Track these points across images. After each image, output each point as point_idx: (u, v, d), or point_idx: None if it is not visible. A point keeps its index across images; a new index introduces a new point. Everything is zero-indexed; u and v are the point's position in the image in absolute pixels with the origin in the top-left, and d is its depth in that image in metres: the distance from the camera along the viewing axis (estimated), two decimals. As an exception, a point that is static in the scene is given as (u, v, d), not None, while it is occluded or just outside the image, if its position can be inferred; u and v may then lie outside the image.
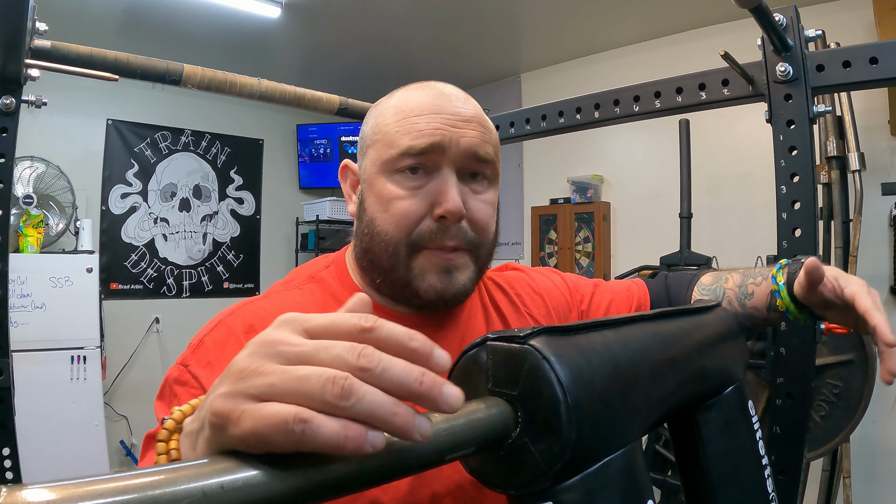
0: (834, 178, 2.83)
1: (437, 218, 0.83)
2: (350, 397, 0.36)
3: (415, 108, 0.85)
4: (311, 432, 0.35)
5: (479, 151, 0.86)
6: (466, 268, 0.87)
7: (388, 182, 0.85)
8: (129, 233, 4.80)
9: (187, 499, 0.31)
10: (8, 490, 0.28)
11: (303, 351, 0.40)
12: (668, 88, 1.49)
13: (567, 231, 4.34)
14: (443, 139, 0.83)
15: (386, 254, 0.85)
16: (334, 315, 0.43)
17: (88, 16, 3.71)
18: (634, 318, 0.70)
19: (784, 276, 1.01)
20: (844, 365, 1.74)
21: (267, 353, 0.41)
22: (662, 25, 3.91)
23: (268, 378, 0.39)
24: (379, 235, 0.85)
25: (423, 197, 0.84)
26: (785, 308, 1.01)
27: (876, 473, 3.04)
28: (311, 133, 5.60)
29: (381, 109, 0.90)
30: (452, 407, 0.39)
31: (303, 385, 0.37)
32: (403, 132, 0.84)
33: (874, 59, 1.20)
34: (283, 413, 0.36)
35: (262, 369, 0.40)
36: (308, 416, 0.36)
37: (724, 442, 0.82)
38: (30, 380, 3.49)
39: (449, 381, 0.40)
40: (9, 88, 1.41)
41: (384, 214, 0.85)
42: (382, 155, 0.86)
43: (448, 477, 0.80)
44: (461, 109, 0.87)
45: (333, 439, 0.36)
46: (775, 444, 1.29)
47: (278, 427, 0.36)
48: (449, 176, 0.84)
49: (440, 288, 0.85)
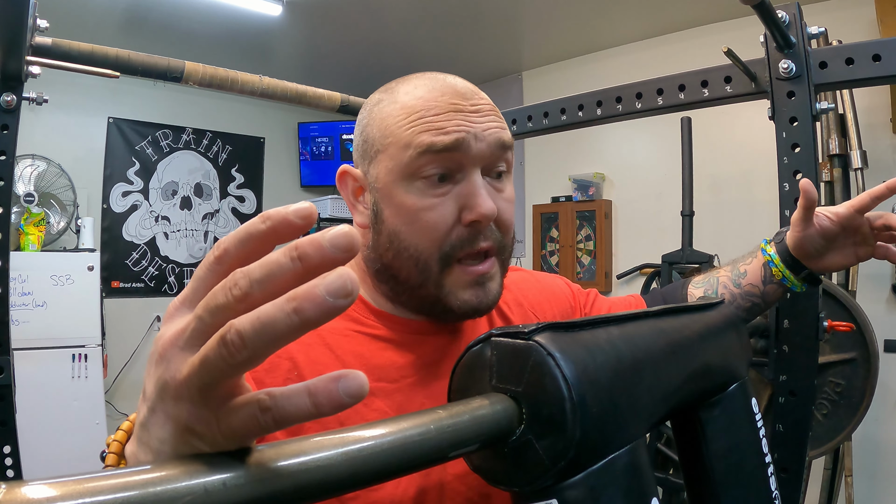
0: (836, 177, 2.82)
1: (467, 223, 0.79)
2: (244, 346, 0.32)
3: (430, 107, 0.79)
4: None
5: (503, 139, 0.81)
6: (496, 276, 0.84)
7: (408, 191, 0.79)
8: (131, 231, 4.80)
9: (189, 495, 0.31)
10: (7, 486, 0.28)
11: (191, 334, 0.36)
12: (670, 85, 1.48)
13: (568, 229, 4.34)
14: (466, 135, 0.77)
15: (415, 270, 0.81)
16: (196, 272, 0.39)
17: (90, 13, 3.71)
18: (638, 314, 0.70)
19: (772, 246, 1.03)
20: (847, 363, 1.74)
21: (176, 356, 0.37)
22: (664, 23, 3.90)
23: (198, 379, 0.35)
24: (406, 251, 0.80)
25: (451, 203, 0.79)
26: (781, 275, 1.02)
27: (878, 472, 3.04)
28: (312, 131, 5.59)
29: (388, 110, 0.82)
30: (345, 246, 0.34)
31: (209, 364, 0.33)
32: (420, 130, 0.77)
33: (877, 56, 1.20)
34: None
35: (185, 375, 0.35)
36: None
37: (727, 439, 0.82)
38: (31, 378, 3.48)
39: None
40: (10, 85, 1.41)
41: (410, 227, 0.79)
42: (398, 160, 0.79)
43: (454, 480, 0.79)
44: (476, 99, 0.81)
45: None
46: (778, 442, 1.29)
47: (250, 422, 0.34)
48: (476, 177, 0.79)
49: (475, 303, 0.82)
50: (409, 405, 0.79)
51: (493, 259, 0.83)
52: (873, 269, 2.98)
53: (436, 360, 0.85)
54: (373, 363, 0.80)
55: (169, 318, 0.39)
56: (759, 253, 1.08)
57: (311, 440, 0.38)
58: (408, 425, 0.42)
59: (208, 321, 0.35)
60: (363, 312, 0.86)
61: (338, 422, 0.73)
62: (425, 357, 0.85)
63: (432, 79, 0.83)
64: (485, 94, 0.85)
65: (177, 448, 0.37)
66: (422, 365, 0.84)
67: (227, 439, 0.35)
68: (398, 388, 0.80)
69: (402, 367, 0.82)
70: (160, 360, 0.37)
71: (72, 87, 4.18)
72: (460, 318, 0.84)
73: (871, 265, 2.94)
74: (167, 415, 0.38)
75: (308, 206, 0.35)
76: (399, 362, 0.82)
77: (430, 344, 0.86)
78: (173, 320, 0.39)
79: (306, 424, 0.75)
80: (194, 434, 0.36)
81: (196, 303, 0.37)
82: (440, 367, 0.85)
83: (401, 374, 0.81)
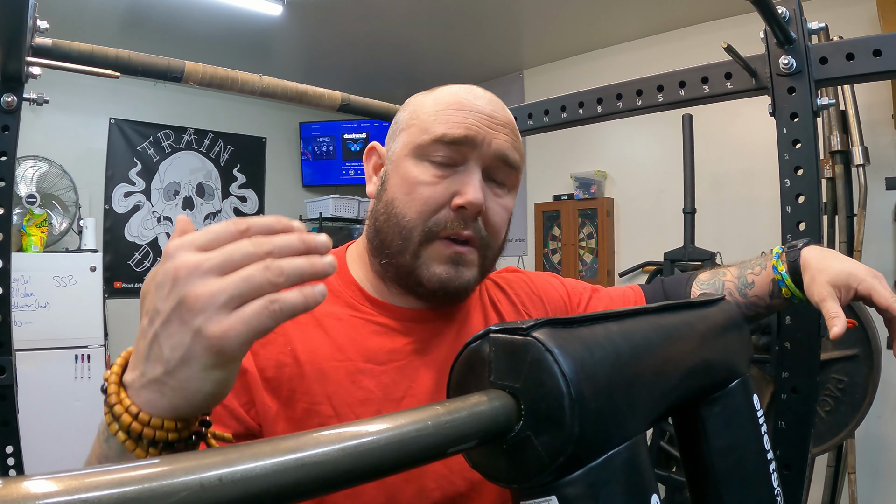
0: (838, 173, 2.81)
1: (455, 208, 0.85)
2: (282, 273, 0.47)
3: (453, 102, 0.88)
4: (283, 304, 0.46)
5: (508, 155, 0.89)
6: (473, 264, 0.89)
7: (415, 166, 0.87)
8: (133, 231, 4.80)
9: (185, 491, 0.31)
10: (4, 482, 0.28)
11: (221, 261, 0.47)
12: (670, 82, 1.48)
13: (570, 227, 4.33)
14: (477, 135, 0.86)
15: (399, 237, 0.86)
16: (211, 228, 0.49)
17: (90, 14, 3.72)
18: (638, 310, 0.69)
19: (784, 264, 1.03)
20: (849, 360, 1.74)
21: (196, 278, 0.47)
22: (665, 21, 3.89)
23: (223, 293, 0.46)
24: (395, 217, 0.87)
25: (447, 186, 0.86)
26: (790, 294, 1.02)
27: (881, 469, 3.03)
28: (313, 131, 5.59)
29: (421, 99, 0.93)
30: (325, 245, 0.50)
31: (251, 281, 0.46)
32: (440, 121, 0.87)
33: (878, 51, 1.19)
34: (257, 306, 0.46)
35: (209, 289, 0.46)
36: (275, 296, 0.46)
37: (728, 436, 0.81)
38: (34, 379, 3.50)
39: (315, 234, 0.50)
40: (10, 86, 1.41)
41: (405, 197, 0.86)
42: (415, 139, 0.88)
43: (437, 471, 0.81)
44: (497, 113, 0.90)
45: (300, 301, 0.47)
46: (780, 438, 1.29)
47: (260, 315, 0.46)
48: (475, 170, 0.86)
49: (445, 278, 0.86)
50: (395, 387, 0.84)
51: (472, 248, 0.88)
52: (876, 266, 2.96)
53: (424, 347, 0.89)
54: (363, 345, 0.85)
55: (180, 249, 0.48)
56: (770, 268, 1.06)
57: (308, 436, 0.38)
58: (405, 421, 0.42)
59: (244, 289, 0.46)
60: (359, 299, 0.91)
61: (326, 396, 0.79)
62: (414, 343, 0.89)
63: (467, 88, 0.92)
64: (509, 114, 0.94)
65: (191, 348, 0.46)
66: (410, 350, 0.88)
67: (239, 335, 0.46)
68: (385, 370, 0.85)
69: (390, 351, 0.87)
70: (176, 281, 0.47)
71: (73, 87, 4.19)
72: (430, 294, 0.88)
73: (874, 262, 2.94)
74: (183, 321, 0.46)
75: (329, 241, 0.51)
76: (388, 346, 0.87)
77: (419, 331, 0.90)
78: (187, 253, 0.48)
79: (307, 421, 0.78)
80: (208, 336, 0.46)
81: (207, 249, 0.48)
82: (427, 354, 0.89)
83: (389, 357, 0.86)
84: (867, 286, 0.92)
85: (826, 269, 0.96)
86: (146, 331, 0.49)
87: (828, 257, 0.99)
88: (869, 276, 0.93)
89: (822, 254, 1.00)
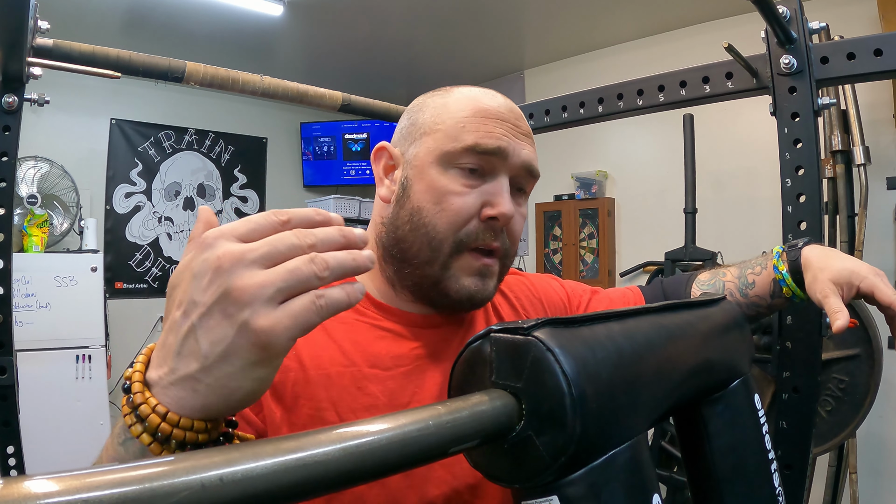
0: (839, 173, 2.81)
1: (485, 219, 0.84)
2: (328, 267, 0.46)
3: (480, 109, 0.86)
4: (328, 301, 0.46)
5: (533, 165, 0.89)
6: (495, 275, 0.89)
7: (443, 175, 0.85)
8: (134, 232, 4.81)
9: (186, 491, 0.31)
10: (5, 481, 0.28)
11: (266, 252, 0.46)
12: (671, 82, 1.48)
13: (571, 227, 4.33)
14: (508, 146, 0.85)
15: (427, 247, 0.85)
16: (251, 218, 0.48)
17: (91, 15, 3.72)
18: (639, 310, 0.69)
19: (785, 263, 1.03)
20: (851, 359, 1.73)
21: (241, 269, 0.45)
22: (665, 21, 3.89)
23: (271, 285, 0.44)
24: (424, 227, 0.85)
25: (477, 197, 0.84)
26: (791, 294, 1.02)
27: (882, 469, 3.03)
28: (314, 131, 5.59)
29: (440, 101, 0.90)
30: (363, 239, 0.49)
31: (297, 274, 0.45)
32: (472, 129, 0.85)
33: (879, 50, 1.19)
34: (305, 301, 0.45)
35: (257, 280, 0.44)
36: (320, 291, 0.46)
37: (730, 436, 0.81)
38: (35, 379, 3.50)
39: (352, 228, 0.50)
40: (11, 87, 1.41)
41: (435, 207, 0.84)
42: (443, 146, 0.85)
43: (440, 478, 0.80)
44: (521, 123, 0.89)
45: (344, 298, 0.46)
46: (782, 438, 1.29)
47: (308, 310, 0.45)
48: (504, 181, 0.85)
49: (473, 291, 0.85)
50: (401, 393, 0.83)
51: (497, 259, 0.88)
52: (877, 265, 2.96)
53: (429, 353, 0.88)
54: (369, 350, 0.84)
55: (220, 238, 0.47)
56: (770, 268, 1.06)
57: (309, 436, 0.38)
58: (407, 421, 0.42)
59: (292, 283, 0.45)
60: (365, 303, 0.90)
61: (331, 402, 0.77)
62: (420, 349, 0.88)
63: (489, 93, 0.91)
64: (527, 122, 0.93)
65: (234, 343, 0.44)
66: (415, 356, 0.87)
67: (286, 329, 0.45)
68: (391, 375, 0.83)
69: (396, 356, 0.85)
70: (219, 271, 0.45)
71: (74, 88, 4.19)
72: (455, 305, 0.87)
73: (875, 261, 2.94)
74: (227, 314, 0.44)
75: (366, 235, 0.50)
76: (394, 352, 0.85)
77: (425, 337, 0.89)
78: (229, 242, 0.47)
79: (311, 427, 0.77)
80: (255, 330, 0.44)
81: (248, 240, 0.47)
82: (433, 360, 0.88)
83: (395, 363, 0.84)
84: (869, 284, 0.92)
85: (828, 267, 0.96)
86: (179, 324, 0.46)
87: (829, 256, 0.99)
88: (871, 274, 0.93)
89: (823, 252, 1.00)
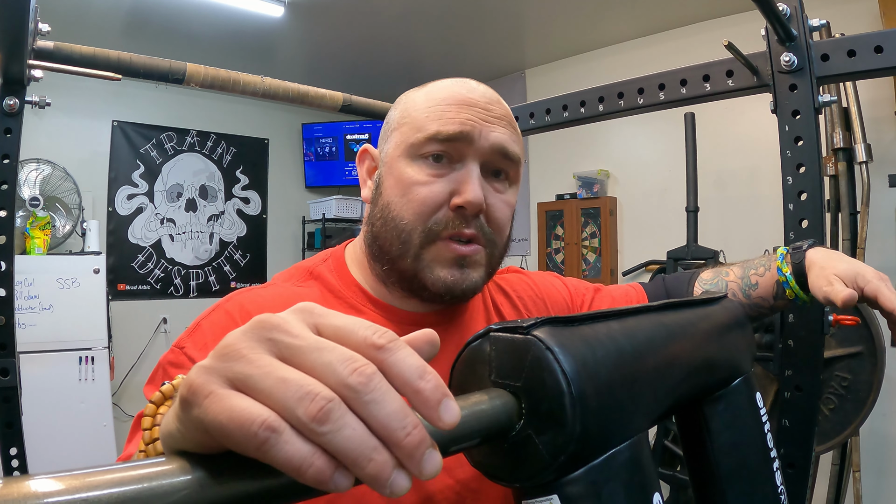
0: (841, 170, 2.81)
1: (454, 207, 0.82)
2: (325, 423, 0.31)
3: (446, 97, 0.85)
4: (275, 445, 0.31)
5: (507, 148, 0.85)
6: (479, 264, 0.86)
7: (409, 166, 0.84)
8: (136, 234, 4.82)
9: (185, 490, 0.31)
10: (5, 481, 0.28)
11: (296, 345, 0.35)
12: (672, 80, 1.48)
13: (574, 226, 4.33)
14: (472, 129, 0.82)
15: (398, 240, 0.83)
16: (353, 319, 0.38)
17: (91, 17, 3.72)
18: (640, 308, 0.69)
19: (789, 265, 1.02)
20: (853, 357, 1.73)
21: (260, 337, 0.36)
22: (666, 19, 3.89)
23: (249, 367, 0.34)
24: (393, 220, 0.84)
25: (444, 185, 0.82)
26: (794, 296, 1.02)
27: (886, 467, 3.03)
28: (316, 132, 5.60)
29: (412, 96, 0.90)
30: (426, 476, 0.34)
31: (279, 389, 0.32)
32: (433, 118, 0.83)
33: (879, 47, 1.19)
34: (252, 412, 0.32)
35: (247, 354, 0.35)
36: (279, 426, 0.31)
37: (732, 434, 0.81)
38: (38, 381, 3.51)
39: (435, 449, 0.34)
40: (12, 89, 1.41)
41: (401, 199, 0.83)
42: (408, 138, 0.84)
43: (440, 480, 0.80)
44: (492, 106, 0.86)
45: (296, 462, 0.31)
46: (784, 437, 1.28)
47: (242, 426, 0.31)
48: (473, 167, 0.83)
49: (450, 281, 0.83)
50: None
51: (477, 247, 0.85)
52: (880, 263, 2.97)
53: None
54: None
55: (294, 311, 0.38)
56: (774, 269, 1.05)
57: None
58: (406, 420, 0.42)
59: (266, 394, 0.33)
60: (362, 301, 0.89)
61: None
62: None
63: (460, 80, 0.89)
64: (506, 106, 0.90)
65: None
66: None
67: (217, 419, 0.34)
68: None
69: None
70: (222, 356, 0.36)
71: (75, 90, 4.21)
72: (434, 297, 0.85)
73: (877, 259, 2.94)
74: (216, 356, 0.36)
75: (405, 482, 0.34)
76: None
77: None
78: (291, 316, 0.38)
79: None
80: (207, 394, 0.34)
81: (323, 333, 0.37)
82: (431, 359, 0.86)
83: None
84: (873, 288, 0.92)
85: (832, 269, 0.96)
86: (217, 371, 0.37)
87: (833, 258, 0.98)
88: (875, 279, 0.93)
89: (827, 255, 1.00)
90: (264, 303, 0.83)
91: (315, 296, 0.88)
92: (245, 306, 0.82)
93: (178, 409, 0.36)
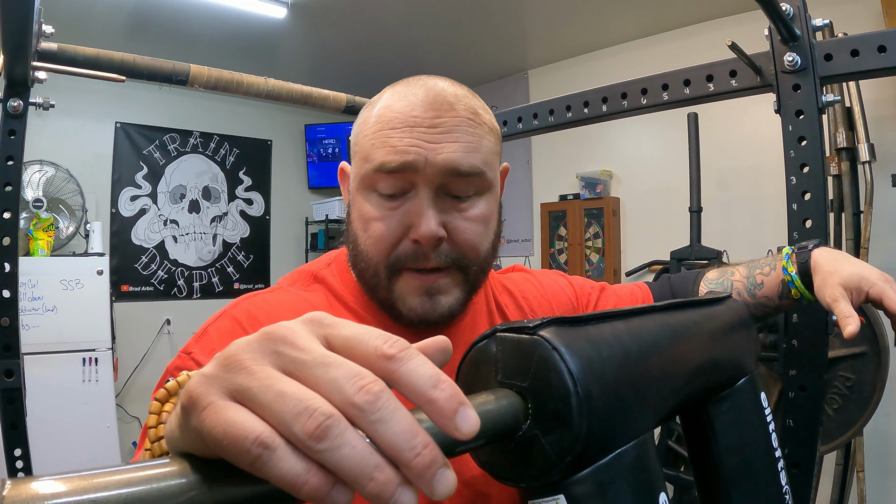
0: (844, 170, 2.81)
1: (412, 240, 0.80)
2: (323, 440, 0.30)
3: (391, 119, 0.79)
4: (268, 462, 0.30)
5: (460, 167, 0.78)
6: (451, 289, 0.84)
7: (366, 200, 0.82)
8: (139, 235, 4.82)
9: (193, 491, 0.31)
10: (13, 483, 0.28)
11: (302, 359, 0.34)
12: (675, 80, 1.48)
13: (577, 227, 4.33)
14: (417, 158, 0.77)
15: (369, 273, 0.84)
16: (364, 329, 0.36)
17: (95, 18, 3.73)
18: (645, 309, 0.69)
19: (794, 265, 1.02)
20: (857, 357, 1.73)
21: (266, 349, 0.35)
22: (669, 19, 3.89)
23: (249, 379, 0.33)
24: (361, 254, 0.84)
25: (399, 218, 0.80)
26: (800, 296, 1.02)
27: (890, 467, 3.02)
28: (319, 133, 5.60)
29: (365, 114, 0.85)
30: (438, 497, 0.32)
31: (277, 404, 0.31)
32: (378, 145, 0.79)
33: (882, 47, 1.19)
34: (246, 427, 0.31)
35: (249, 365, 0.34)
36: (272, 442, 0.30)
37: (736, 434, 0.81)
38: (42, 382, 3.51)
39: (448, 468, 0.33)
40: (16, 91, 1.42)
41: (364, 234, 0.83)
42: (360, 170, 0.83)
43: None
44: (440, 116, 0.79)
45: (289, 480, 0.30)
46: (788, 437, 1.28)
47: (235, 441, 0.31)
48: (424, 197, 0.78)
49: (422, 311, 0.82)
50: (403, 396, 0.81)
51: (441, 275, 0.82)
52: (883, 262, 2.96)
53: None
54: None
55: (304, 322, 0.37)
56: (779, 269, 1.05)
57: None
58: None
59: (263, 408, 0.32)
60: (363, 306, 0.89)
61: None
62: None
63: (412, 87, 0.83)
64: (465, 106, 0.82)
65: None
66: None
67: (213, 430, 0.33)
68: None
69: None
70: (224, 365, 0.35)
71: (78, 92, 4.21)
72: (412, 323, 0.84)
73: (881, 258, 2.93)
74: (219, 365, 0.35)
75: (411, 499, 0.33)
76: None
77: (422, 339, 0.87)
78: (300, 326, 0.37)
79: None
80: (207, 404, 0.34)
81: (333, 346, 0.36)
82: None
83: None
84: (878, 290, 0.91)
85: (837, 271, 0.95)
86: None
87: (839, 259, 0.98)
88: (880, 281, 0.93)
89: (833, 256, 1.00)
90: (272, 308, 0.83)
91: (321, 301, 0.88)
92: (252, 312, 0.82)
93: (179, 414, 0.36)
